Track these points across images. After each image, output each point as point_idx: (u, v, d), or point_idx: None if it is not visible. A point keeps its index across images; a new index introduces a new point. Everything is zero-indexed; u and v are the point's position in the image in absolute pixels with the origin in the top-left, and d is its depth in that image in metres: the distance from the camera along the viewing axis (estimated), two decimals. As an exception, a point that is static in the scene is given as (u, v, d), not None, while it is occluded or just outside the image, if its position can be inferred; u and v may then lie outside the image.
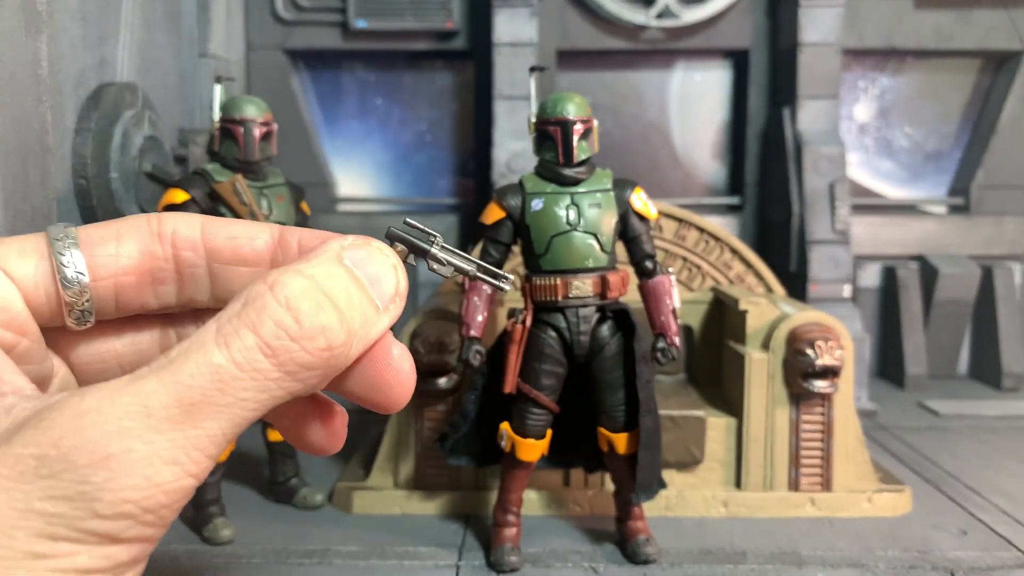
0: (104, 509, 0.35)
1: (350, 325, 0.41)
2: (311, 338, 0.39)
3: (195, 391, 0.37)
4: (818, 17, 3.90)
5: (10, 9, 2.12)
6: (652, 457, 2.19)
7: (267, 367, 0.38)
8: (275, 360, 0.38)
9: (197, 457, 0.37)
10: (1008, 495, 2.68)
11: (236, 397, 0.38)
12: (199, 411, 0.37)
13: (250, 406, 0.38)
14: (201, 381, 0.37)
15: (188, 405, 0.37)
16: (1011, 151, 4.29)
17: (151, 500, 0.36)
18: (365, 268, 0.43)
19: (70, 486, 0.35)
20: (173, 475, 0.36)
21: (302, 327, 0.39)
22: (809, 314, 2.63)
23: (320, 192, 4.23)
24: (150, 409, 0.37)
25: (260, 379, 0.38)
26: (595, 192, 2.22)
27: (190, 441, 0.37)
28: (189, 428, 0.37)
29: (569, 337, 2.21)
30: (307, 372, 0.39)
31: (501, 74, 3.95)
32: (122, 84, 2.84)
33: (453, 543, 2.33)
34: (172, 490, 0.37)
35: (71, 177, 2.59)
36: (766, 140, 4.26)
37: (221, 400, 0.37)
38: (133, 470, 0.35)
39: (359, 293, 0.42)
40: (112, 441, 0.36)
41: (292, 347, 0.38)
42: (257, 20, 4.21)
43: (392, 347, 0.45)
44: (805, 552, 2.27)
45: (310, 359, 0.39)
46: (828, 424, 2.57)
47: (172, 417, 0.37)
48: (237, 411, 0.38)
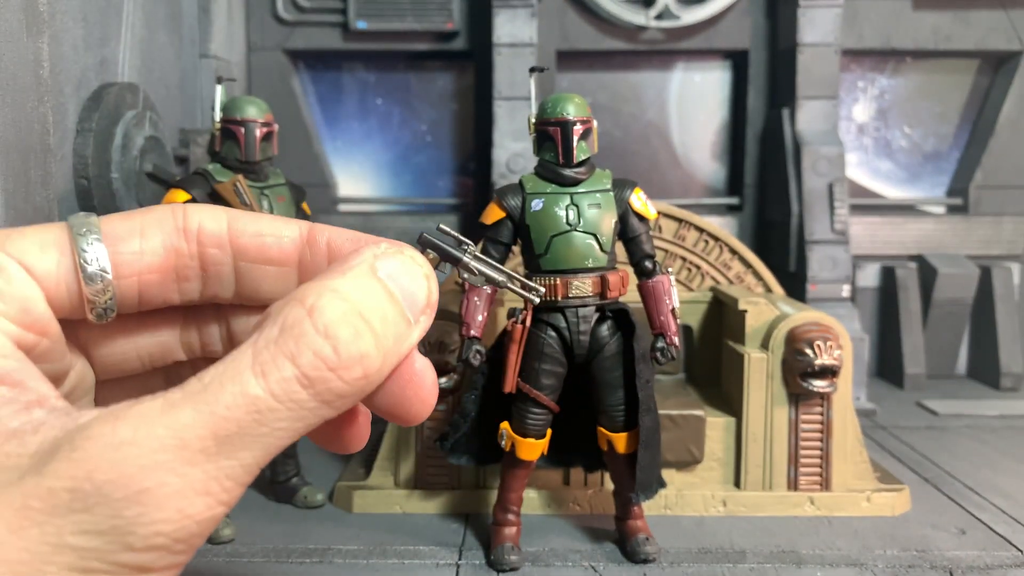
0: (137, 543, 0.35)
1: (385, 347, 0.40)
2: (348, 368, 0.38)
3: (231, 423, 0.37)
4: (817, 18, 3.91)
5: (11, 9, 2.12)
6: (651, 456, 2.20)
7: (304, 398, 0.38)
8: (312, 391, 0.38)
9: (230, 486, 0.37)
10: (1007, 494, 2.68)
11: (272, 428, 0.37)
12: (235, 442, 0.37)
13: (285, 436, 0.38)
14: (237, 413, 0.37)
15: (224, 437, 0.37)
16: (1009, 151, 4.30)
17: (183, 531, 0.36)
18: (399, 281, 0.42)
19: (103, 520, 0.35)
20: (206, 505, 0.36)
21: (340, 358, 0.38)
22: (808, 314, 2.63)
23: (320, 192, 4.23)
24: (185, 441, 0.36)
25: (296, 410, 0.38)
26: (595, 192, 2.22)
27: (223, 472, 0.37)
28: (223, 459, 0.37)
29: (569, 337, 2.22)
30: (342, 400, 0.39)
31: (501, 75, 3.95)
32: (123, 84, 2.84)
33: (453, 542, 2.33)
34: (204, 520, 0.36)
35: (72, 177, 2.60)
36: (765, 140, 4.27)
37: (257, 431, 0.37)
38: (167, 504, 0.35)
39: (393, 310, 0.41)
40: (147, 476, 0.35)
41: (330, 377, 0.38)
42: (258, 21, 4.21)
43: (415, 361, 0.44)
44: (804, 551, 2.28)
45: (346, 388, 0.39)
46: (827, 424, 2.58)
47: (207, 449, 0.36)
48: (272, 441, 0.38)
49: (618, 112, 4.47)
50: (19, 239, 0.43)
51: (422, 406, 0.45)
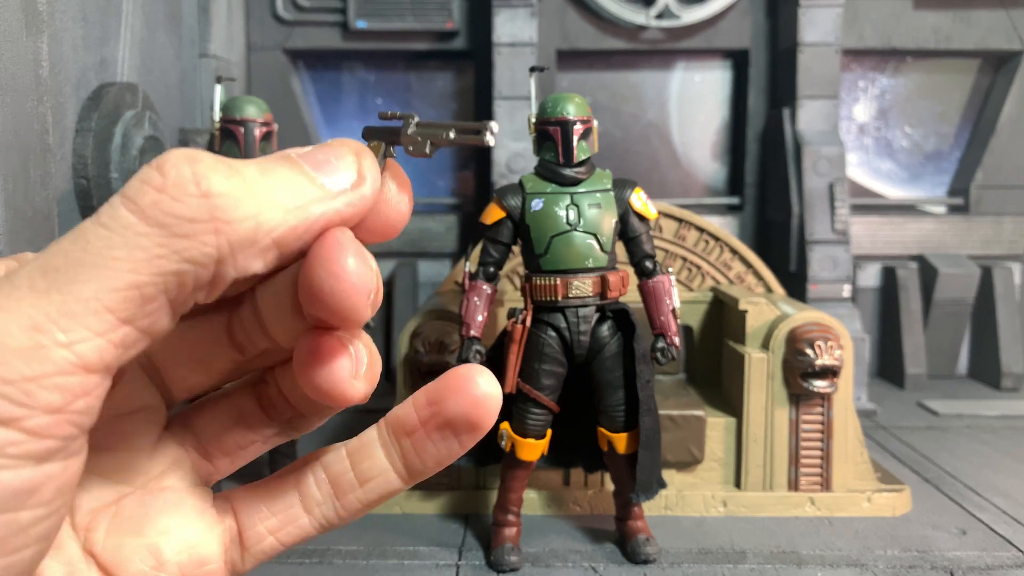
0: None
1: (251, 181, 0.36)
2: (178, 185, 0.34)
3: (59, 256, 0.34)
4: (817, 17, 3.91)
5: (11, 9, 2.12)
6: (652, 457, 2.20)
7: (133, 220, 0.34)
8: (141, 214, 0.34)
9: (66, 324, 0.33)
10: (1007, 495, 2.68)
11: (104, 256, 0.33)
12: (64, 276, 0.33)
13: (124, 265, 0.33)
14: (65, 245, 0.34)
15: (52, 271, 0.33)
16: (1010, 151, 4.29)
17: (6, 368, 0.32)
18: (313, 156, 0.39)
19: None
20: (32, 341, 0.32)
21: (166, 177, 0.34)
22: (809, 314, 2.63)
23: (320, 192, 4.23)
24: (14, 281, 0.34)
25: (129, 235, 0.34)
26: (595, 192, 2.22)
27: (54, 306, 0.33)
28: (54, 293, 0.33)
29: (569, 337, 2.21)
30: (187, 225, 0.34)
31: (501, 74, 3.95)
32: (123, 84, 2.84)
33: (453, 542, 2.33)
34: (33, 358, 0.32)
35: (72, 177, 2.60)
36: (766, 140, 4.27)
37: (87, 260, 0.33)
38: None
39: (289, 170, 0.38)
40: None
41: (157, 196, 0.34)
42: (257, 20, 4.21)
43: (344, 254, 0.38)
44: (804, 551, 2.27)
45: (182, 208, 0.34)
46: (827, 424, 2.58)
47: (34, 284, 0.33)
48: (109, 272, 0.33)
49: (618, 112, 4.47)
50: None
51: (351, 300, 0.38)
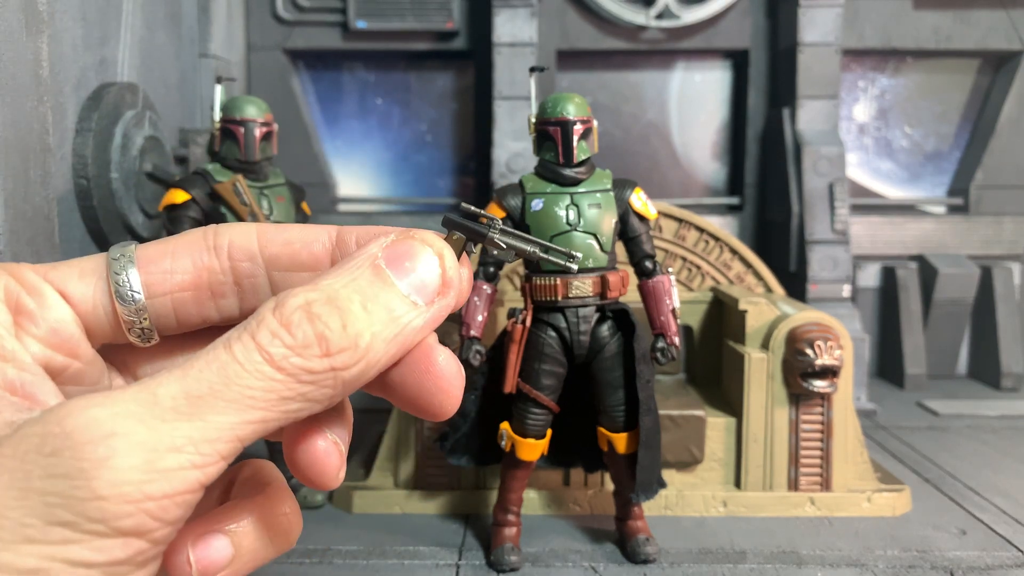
0: (103, 489, 0.34)
1: (359, 328, 0.40)
2: (306, 346, 0.38)
3: (202, 384, 0.37)
4: (817, 17, 3.91)
5: (11, 9, 2.12)
6: (652, 457, 2.20)
7: (268, 370, 0.38)
8: (273, 364, 0.38)
9: (205, 449, 0.36)
10: (1007, 495, 2.68)
11: (242, 393, 0.37)
12: (205, 403, 0.37)
13: (258, 404, 0.38)
14: (208, 375, 0.37)
15: (195, 397, 0.37)
16: (1010, 151, 4.29)
17: (153, 486, 0.35)
18: (401, 264, 0.42)
19: (70, 463, 0.34)
20: (177, 463, 0.36)
21: (294, 338, 0.38)
22: (808, 314, 2.63)
23: (320, 192, 4.23)
24: (157, 397, 0.37)
25: (264, 379, 0.38)
26: (595, 192, 2.22)
27: (196, 431, 0.36)
28: (197, 419, 0.36)
29: (569, 337, 2.21)
30: (312, 376, 0.38)
31: (501, 74, 3.95)
32: (123, 84, 2.84)
33: (453, 542, 2.33)
34: (176, 479, 0.35)
35: (72, 177, 2.60)
36: (766, 140, 4.27)
37: (227, 394, 0.37)
38: (135, 451, 0.35)
39: (384, 292, 0.41)
40: (116, 423, 0.35)
41: (287, 352, 0.38)
42: (257, 20, 4.21)
43: (436, 353, 0.43)
44: (804, 552, 2.27)
45: (309, 365, 0.38)
46: (827, 424, 2.58)
47: (178, 408, 0.36)
48: (245, 407, 0.37)
49: (618, 112, 4.47)
50: (63, 268, 0.45)
51: (445, 398, 0.44)
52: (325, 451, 0.44)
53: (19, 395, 0.39)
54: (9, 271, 0.43)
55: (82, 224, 2.64)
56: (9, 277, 0.43)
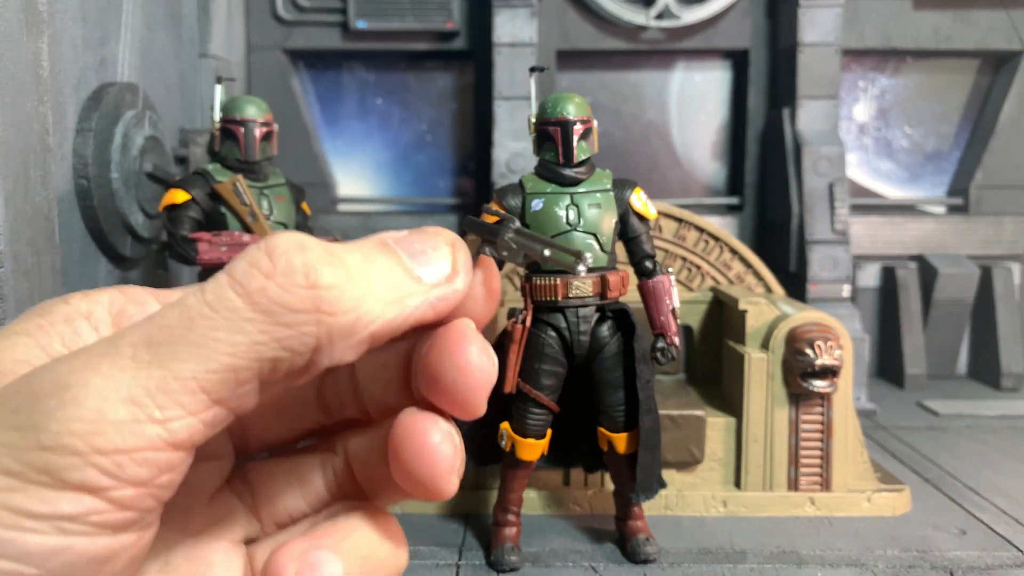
0: (47, 439, 0.32)
1: (355, 272, 0.36)
2: (287, 274, 0.34)
3: (164, 330, 0.34)
4: (817, 17, 3.91)
5: (11, 9, 2.12)
6: (652, 457, 2.20)
7: (239, 304, 0.34)
8: (247, 298, 0.34)
9: (162, 401, 0.33)
10: (1007, 495, 2.68)
11: (207, 336, 0.34)
12: (167, 351, 0.34)
13: (224, 348, 0.34)
14: (171, 320, 0.34)
15: (155, 344, 0.34)
16: (1010, 151, 4.29)
17: (101, 439, 0.32)
18: (410, 244, 0.39)
19: (23, 417, 0.33)
20: (130, 415, 0.33)
21: (275, 264, 0.34)
22: (808, 314, 2.63)
23: (320, 192, 4.23)
24: (117, 348, 0.34)
25: (233, 318, 0.34)
26: (595, 192, 2.22)
27: (153, 381, 0.33)
28: (154, 368, 0.34)
29: (569, 337, 2.21)
30: (291, 315, 0.34)
31: (501, 74, 3.95)
32: (123, 84, 2.84)
33: (453, 542, 2.33)
34: (128, 432, 0.33)
35: (72, 177, 2.60)
36: (766, 140, 4.27)
37: (190, 338, 0.34)
38: (85, 401, 0.33)
39: (388, 259, 0.38)
40: (73, 375, 0.33)
41: (265, 282, 0.34)
42: (257, 20, 4.21)
43: (469, 344, 0.40)
44: (804, 551, 2.27)
45: (289, 297, 0.34)
46: (827, 424, 2.58)
47: (137, 355, 0.34)
48: (210, 352, 0.34)
49: (618, 112, 4.47)
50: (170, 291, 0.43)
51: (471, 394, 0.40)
52: (438, 447, 0.40)
53: None
54: (121, 289, 0.42)
55: (82, 224, 2.64)
56: (118, 292, 0.42)
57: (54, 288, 2.34)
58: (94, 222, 2.65)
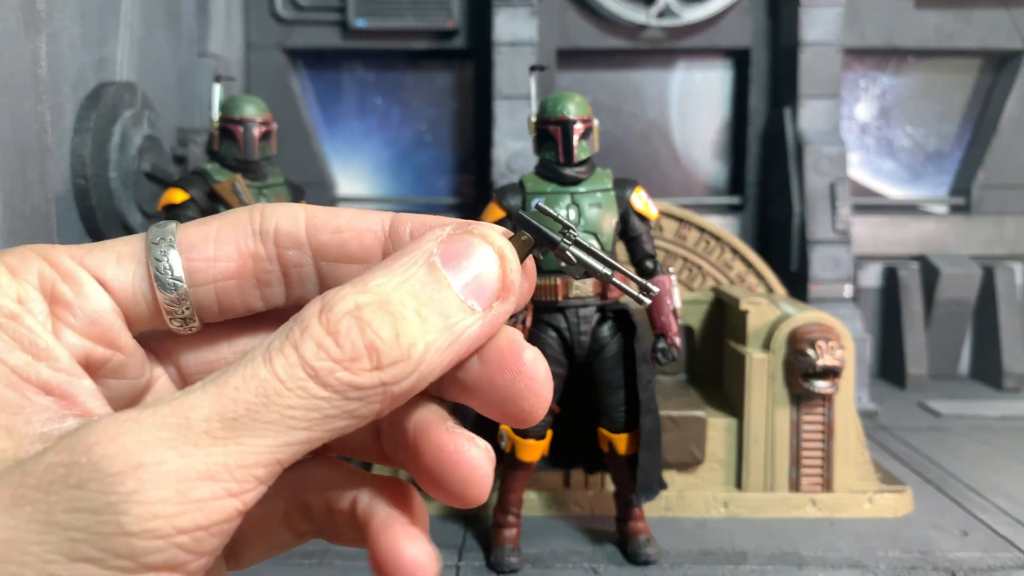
0: (131, 524, 0.32)
1: (413, 337, 0.37)
2: (354, 359, 0.36)
3: (239, 404, 0.35)
4: (819, 17, 3.90)
5: (9, 8, 2.11)
6: (652, 458, 2.19)
7: (312, 387, 0.35)
8: (318, 380, 0.35)
9: (241, 476, 0.34)
10: (1009, 496, 2.67)
11: (283, 414, 0.35)
12: (242, 426, 0.34)
13: (300, 424, 0.35)
14: (245, 395, 0.35)
15: (230, 419, 0.34)
16: (1012, 151, 4.28)
17: (185, 519, 0.33)
18: (458, 263, 0.39)
19: (96, 496, 0.32)
20: (211, 492, 0.33)
21: (342, 349, 0.36)
22: (810, 314, 2.62)
23: (319, 191, 4.22)
24: (190, 421, 0.34)
25: (307, 397, 0.35)
26: (595, 192, 2.21)
27: (232, 457, 0.34)
28: (232, 444, 0.34)
29: (569, 337, 2.20)
30: (360, 392, 0.36)
31: (501, 73, 3.94)
32: (121, 84, 2.83)
33: (453, 543, 2.32)
34: (210, 510, 0.33)
35: (70, 177, 2.59)
36: (767, 140, 4.26)
37: (266, 416, 0.35)
38: (165, 482, 0.33)
39: (439, 295, 0.38)
40: (146, 451, 0.33)
41: (334, 367, 0.35)
42: (256, 19, 4.20)
43: (523, 351, 0.40)
44: (806, 553, 2.26)
45: (358, 380, 0.36)
46: (829, 424, 2.57)
47: (212, 431, 0.34)
48: (285, 428, 0.35)
49: (619, 111, 4.46)
50: (99, 251, 0.42)
51: (536, 401, 0.40)
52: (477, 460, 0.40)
53: (55, 395, 0.37)
54: (44, 255, 0.41)
55: (80, 224, 2.64)
56: (44, 262, 0.40)
57: (52, 288, 2.33)
58: (92, 222, 2.64)
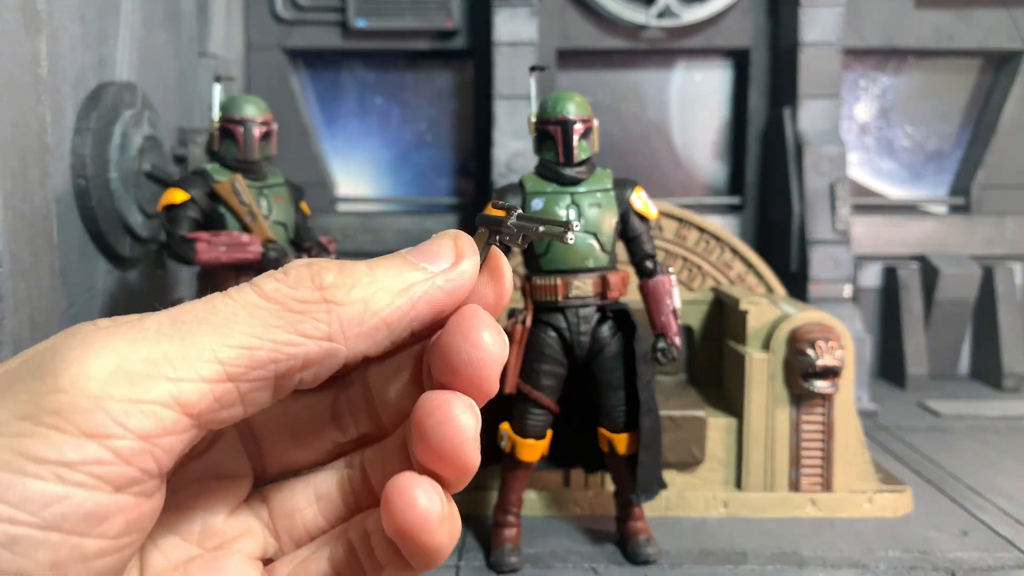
0: (65, 382, 0.34)
1: (358, 275, 0.40)
2: (298, 278, 0.40)
3: (186, 312, 0.38)
4: (819, 16, 3.90)
5: (9, 9, 2.11)
6: (652, 457, 2.19)
7: (256, 298, 0.39)
8: (263, 294, 0.39)
9: (179, 364, 0.36)
10: (1009, 496, 2.67)
11: (226, 317, 0.38)
12: (188, 326, 0.37)
13: (241, 327, 0.38)
14: (195, 306, 0.38)
15: (178, 322, 0.37)
16: (1012, 151, 4.28)
17: (115, 387, 0.35)
18: (419, 249, 0.43)
19: (47, 366, 0.35)
20: (145, 370, 0.35)
21: (287, 274, 0.40)
22: (810, 314, 2.62)
23: (319, 192, 4.22)
24: (143, 323, 0.37)
25: (251, 307, 0.38)
26: (595, 192, 2.22)
27: (173, 348, 0.36)
28: (176, 339, 0.37)
29: (569, 337, 2.20)
30: (302, 304, 0.39)
31: (501, 73, 3.94)
32: (121, 83, 2.83)
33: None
34: (143, 386, 0.35)
35: (70, 177, 2.58)
36: (767, 140, 4.26)
37: (211, 319, 0.38)
38: (107, 356, 0.35)
39: (393, 259, 0.42)
40: (99, 337, 0.36)
41: (278, 284, 0.39)
42: (257, 19, 4.20)
43: (480, 322, 0.42)
44: (806, 553, 2.26)
45: (299, 292, 0.39)
46: (829, 424, 2.57)
47: (160, 329, 0.37)
48: (226, 330, 0.37)
49: (619, 111, 4.46)
50: None
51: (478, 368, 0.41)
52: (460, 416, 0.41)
53: None
54: None
55: (81, 224, 2.63)
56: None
57: (52, 288, 2.33)
58: (92, 222, 2.64)
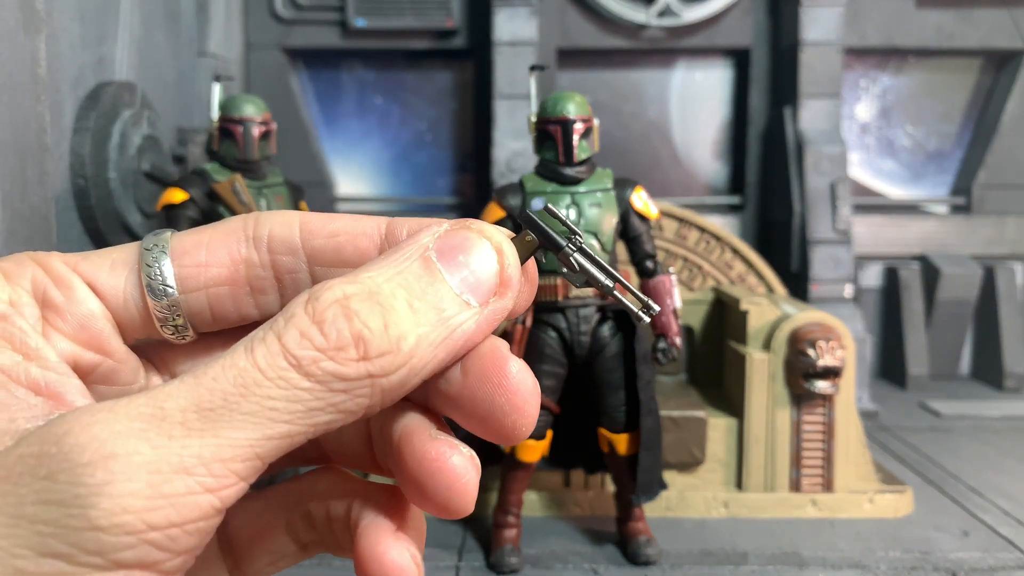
0: (100, 519, 0.31)
1: (403, 329, 0.35)
2: (340, 349, 0.34)
3: (216, 395, 0.33)
4: (819, 16, 3.89)
5: (8, 8, 2.11)
6: (653, 458, 2.18)
7: (295, 377, 0.34)
8: (301, 370, 0.34)
9: (218, 470, 0.32)
10: (1010, 496, 2.67)
11: (262, 405, 0.33)
12: (219, 417, 0.33)
13: (280, 417, 0.34)
14: (223, 385, 0.33)
15: (207, 410, 0.33)
16: (1013, 151, 4.28)
17: (157, 514, 0.31)
18: (454, 257, 0.38)
19: (65, 488, 0.31)
20: (185, 487, 0.32)
21: (327, 338, 0.34)
22: (810, 314, 2.62)
23: (319, 191, 4.22)
24: (165, 411, 0.33)
25: (288, 388, 0.34)
26: (595, 191, 2.21)
27: (208, 450, 0.32)
28: (208, 435, 0.33)
29: (569, 337, 2.20)
30: (346, 383, 0.34)
31: (501, 73, 3.94)
32: (121, 83, 2.83)
33: (453, 544, 2.32)
34: (184, 505, 0.32)
35: (69, 176, 2.58)
36: (767, 139, 4.25)
37: (245, 407, 0.33)
38: (136, 474, 0.31)
39: (433, 288, 0.37)
40: (118, 441, 0.32)
41: (318, 355, 0.34)
42: (256, 19, 4.20)
43: (508, 363, 0.38)
44: (806, 553, 2.26)
45: (343, 370, 0.34)
46: (829, 425, 2.56)
47: (188, 422, 0.33)
48: (265, 421, 0.33)
49: (619, 111, 4.46)
50: (94, 258, 0.41)
51: (520, 417, 0.38)
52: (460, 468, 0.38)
53: (44, 394, 0.36)
54: (38, 261, 0.40)
55: (80, 224, 2.63)
56: (37, 267, 0.40)
57: (51, 288, 2.32)
58: (92, 222, 2.63)
